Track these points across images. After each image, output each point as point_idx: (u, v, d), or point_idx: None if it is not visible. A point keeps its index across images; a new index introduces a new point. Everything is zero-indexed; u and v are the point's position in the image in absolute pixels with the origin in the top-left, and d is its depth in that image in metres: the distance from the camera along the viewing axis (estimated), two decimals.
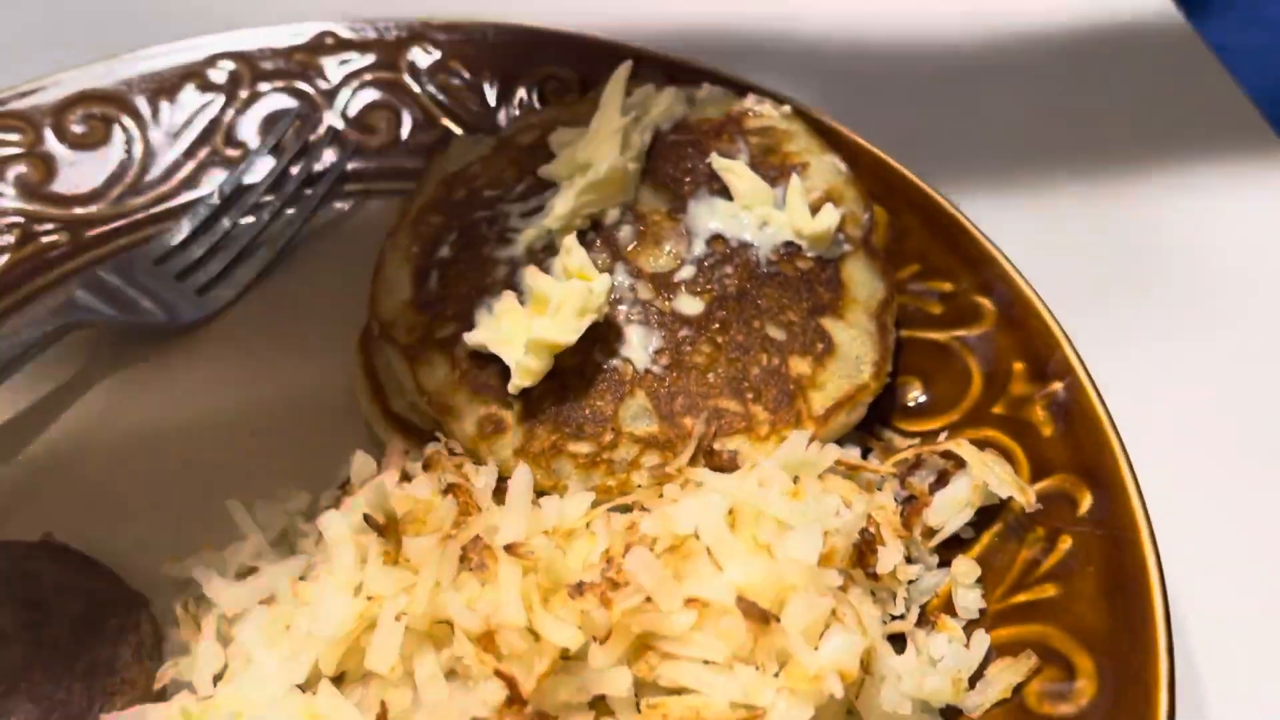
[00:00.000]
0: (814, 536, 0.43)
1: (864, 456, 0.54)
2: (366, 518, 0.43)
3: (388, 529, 0.44)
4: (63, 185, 0.65)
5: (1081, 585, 0.47)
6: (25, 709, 0.44)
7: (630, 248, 0.56)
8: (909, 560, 0.49)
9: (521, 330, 0.51)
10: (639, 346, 0.53)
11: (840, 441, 0.54)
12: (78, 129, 0.66)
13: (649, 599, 0.42)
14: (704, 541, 0.43)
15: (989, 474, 0.49)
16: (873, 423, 0.56)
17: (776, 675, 0.42)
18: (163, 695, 0.46)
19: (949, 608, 0.48)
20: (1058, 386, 0.53)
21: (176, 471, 0.56)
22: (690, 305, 0.55)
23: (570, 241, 0.53)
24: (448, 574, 0.43)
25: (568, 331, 0.50)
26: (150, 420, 0.58)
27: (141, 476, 0.55)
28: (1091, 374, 0.53)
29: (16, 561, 0.48)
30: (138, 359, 0.60)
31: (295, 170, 0.67)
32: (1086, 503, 0.49)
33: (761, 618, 0.41)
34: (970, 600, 0.48)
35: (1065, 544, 0.48)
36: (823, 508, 0.46)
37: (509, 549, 0.43)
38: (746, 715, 0.41)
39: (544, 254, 0.56)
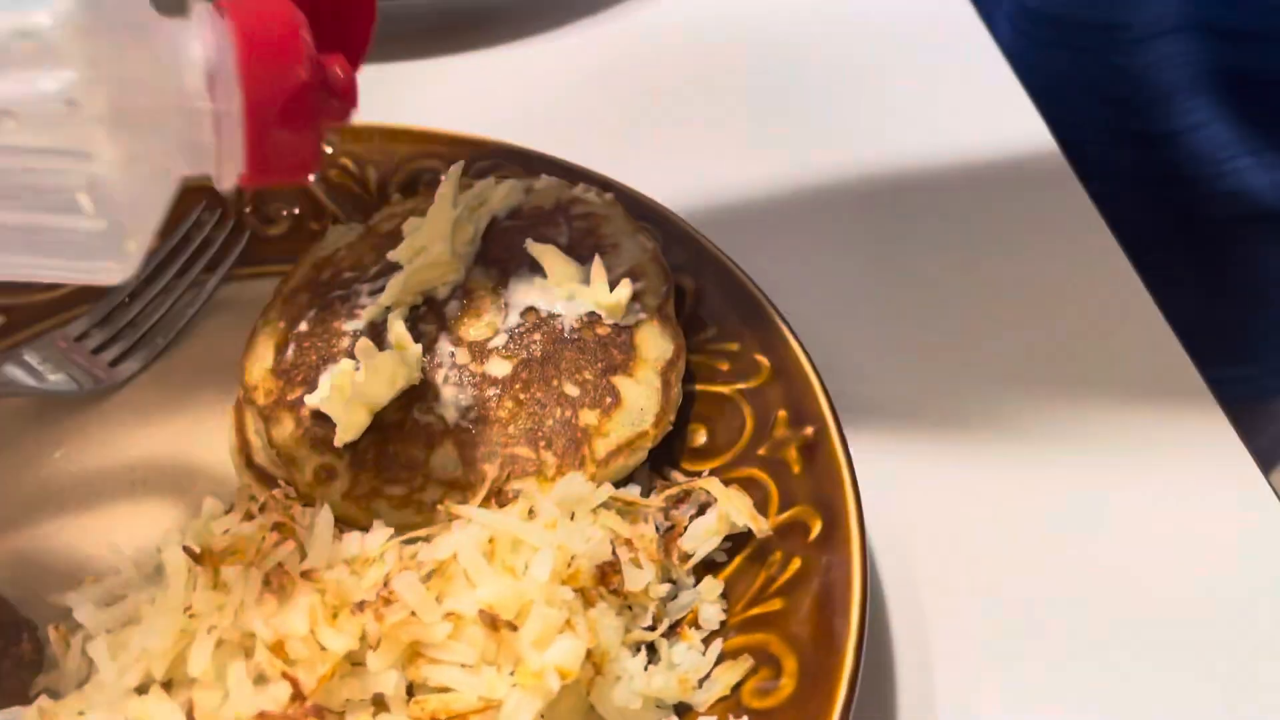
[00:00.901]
0: (548, 558, 0.52)
1: (647, 494, 0.63)
2: (185, 548, 0.53)
3: (204, 558, 0.53)
4: None
5: (801, 600, 0.55)
6: None
7: (455, 320, 0.66)
8: (670, 581, 0.58)
9: (347, 392, 0.60)
10: (452, 404, 0.63)
11: (627, 481, 0.63)
12: None
13: (413, 613, 0.51)
14: (462, 565, 0.53)
15: (730, 506, 0.58)
16: (664, 464, 0.65)
17: (511, 674, 0.50)
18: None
19: (697, 622, 0.57)
20: (809, 430, 0.62)
21: (75, 516, 0.66)
22: (499, 368, 0.64)
23: (394, 316, 0.63)
24: (253, 595, 0.52)
25: (383, 395, 0.60)
26: (57, 478, 0.68)
27: (46, 520, 0.66)
28: (840, 421, 0.62)
29: None
30: (51, 426, 0.71)
31: (199, 258, 0.78)
32: (817, 529, 0.58)
33: (497, 626, 0.50)
34: (711, 613, 0.56)
35: (795, 565, 0.57)
36: (575, 535, 0.55)
37: (304, 574, 0.52)
38: (487, 705, 0.50)
39: (382, 327, 0.66)
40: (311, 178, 0.80)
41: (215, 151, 0.48)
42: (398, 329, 0.62)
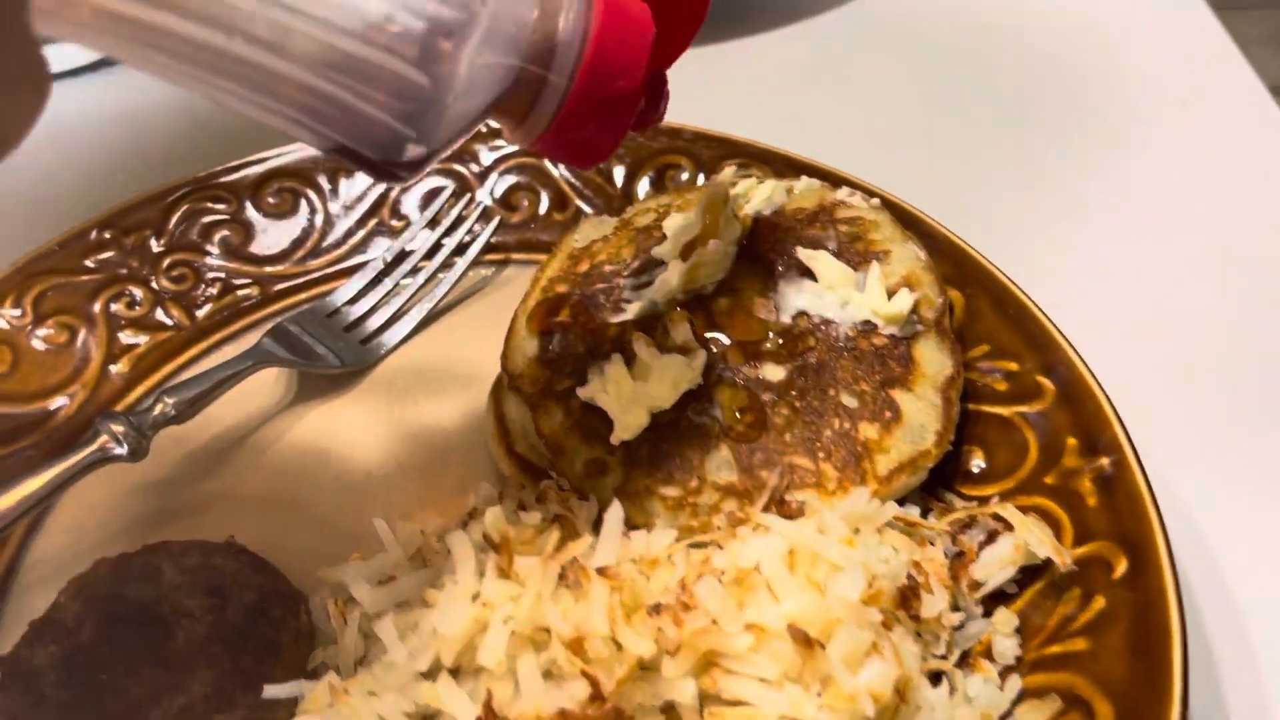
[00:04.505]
0: (859, 577, 0.50)
1: (924, 516, 0.60)
2: (485, 537, 0.53)
3: (502, 548, 0.53)
4: (257, 247, 0.78)
5: (1110, 641, 0.52)
6: (206, 673, 0.54)
7: (725, 318, 0.64)
8: (956, 609, 0.55)
9: (626, 390, 0.59)
10: (726, 406, 0.61)
11: (902, 501, 0.60)
12: (271, 200, 0.79)
13: (715, 621, 0.49)
14: (765, 576, 0.51)
15: (1030, 536, 0.55)
16: (936, 486, 0.62)
17: (819, 695, 0.48)
18: (314, 675, 0.56)
19: (990, 654, 0.54)
20: (1105, 461, 0.58)
21: (334, 491, 0.66)
22: (774, 372, 0.62)
23: (679, 316, 0.62)
24: (548, 588, 0.51)
25: (666, 398, 0.59)
26: (315, 448, 0.69)
27: (305, 493, 0.66)
28: (1139, 452, 0.58)
29: (206, 558, 0.59)
30: (309, 397, 0.72)
31: (449, 240, 0.78)
32: (1122, 567, 0.54)
33: (808, 644, 0.48)
34: (1007, 647, 0.54)
35: (1099, 604, 0.54)
36: (873, 555, 0.53)
37: (600, 571, 0.51)
38: None
39: (651, 321, 0.64)
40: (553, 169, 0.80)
41: (526, 107, 0.47)
42: (683, 331, 0.60)
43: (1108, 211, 0.86)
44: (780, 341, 0.63)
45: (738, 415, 0.61)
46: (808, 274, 0.66)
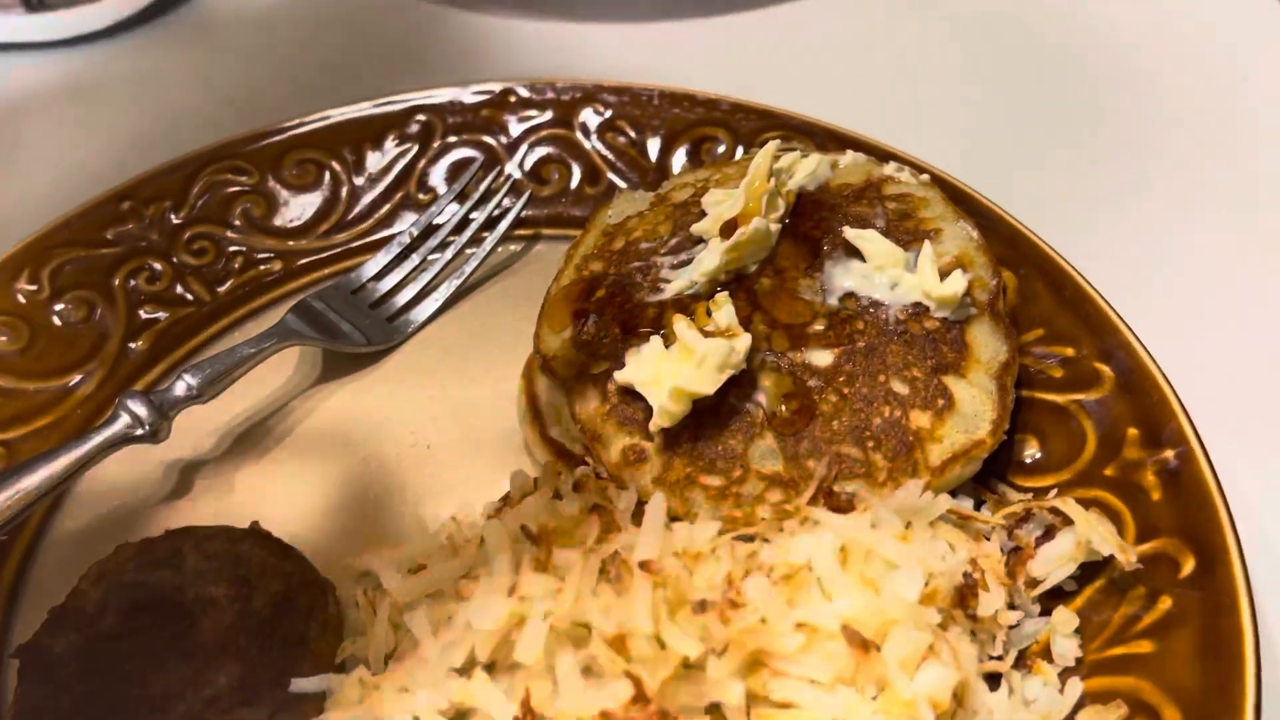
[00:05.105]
0: (916, 576, 0.47)
1: (977, 508, 0.58)
2: (523, 528, 0.50)
3: (540, 540, 0.50)
4: (280, 220, 0.75)
5: (1178, 645, 0.50)
6: (231, 666, 0.52)
7: (768, 300, 0.62)
8: (1011, 607, 0.53)
9: (666, 375, 0.57)
10: (771, 392, 0.59)
11: (955, 492, 0.57)
12: (294, 172, 0.76)
13: (763, 620, 0.47)
14: (816, 573, 0.48)
15: (1093, 532, 0.52)
16: (989, 476, 0.59)
17: (874, 699, 0.46)
18: (342, 668, 0.54)
19: (1047, 654, 0.52)
20: (1170, 454, 0.56)
21: (361, 474, 0.64)
22: (820, 357, 0.60)
23: (723, 298, 0.59)
24: (589, 583, 0.49)
25: (708, 383, 0.56)
26: (342, 428, 0.67)
27: (332, 476, 0.64)
28: (1205, 445, 0.55)
29: (231, 544, 0.57)
30: (334, 375, 0.69)
31: (477, 215, 0.76)
32: (1189, 566, 0.52)
33: (863, 646, 0.46)
34: (1067, 649, 0.51)
35: (1165, 604, 0.51)
36: (929, 551, 0.51)
37: (643, 565, 0.49)
38: None
39: (690, 302, 0.62)
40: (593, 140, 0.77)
41: None
42: (728, 313, 0.58)
43: (1170, 190, 0.82)
44: (827, 324, 0.61)
45: (783, 402, 0.58)
46: (855, 253, 0.63)
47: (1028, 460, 0.60)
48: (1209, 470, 0.54)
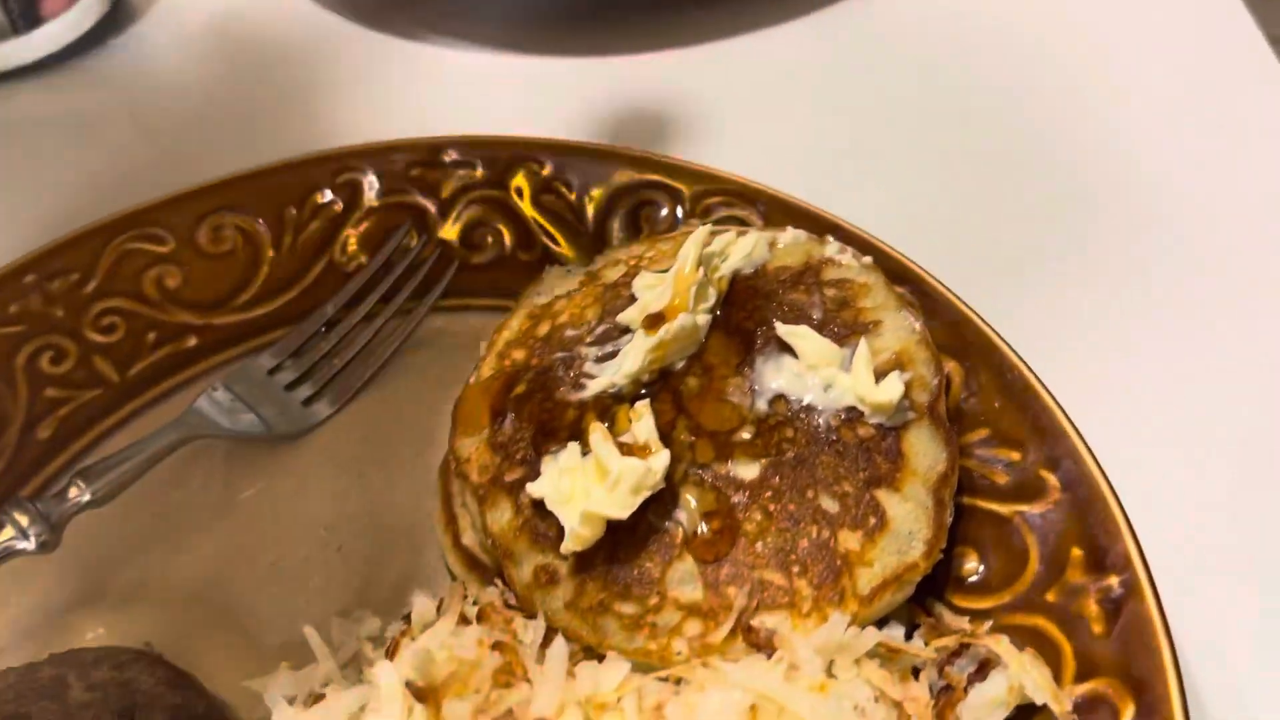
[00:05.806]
0: None
1: (910, 633, 0.54)
2: (409, 684, 0.47)
3: (428, 696, 0.47)
4: (195, 292, 0.71)
5: None
6: None
7: (694, 404, 0.58)
8: None
9: (579, 494, 0.53)
10: (692, 509, 0.55)
11: (888, 615, 0.54)
12: (211, 238, 0.72)
13: None
14: None
15: (1026, 677, 0.49)
16: (925, 595, 0.56)
17: None
18: None
19: None
20: (1114, 581, 0.52)
21: (266, 582, 0.61)
22: (747, 469, 0.56)
23: (643, 408, 0.55)
24: None
25: (622, 508, 0.52)
26: (248, 530, 0.63)
27: (235, 585, 0.61)
28: (1152, 573, 0.52)
29: (119, 670, 0.54)
30: (245, 467, 0.66)
31: (404, 286, 0.72)
32: (1128, 713, 0.48)
33: None
34: None
35: None
36: (853, 698, 0.47)
37: None
38: None
39: (612, 404, 0.58)
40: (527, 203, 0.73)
41: None
42: (647, 426, 0.54)
43: (1134, 283, 0.77)
44: (755, 432, 0.57)
45: (704, 520, 0.55)
46: (788, 349, 0.59)
47: (967, 579, 0.56)
48: (1154, 601, 0.51)
